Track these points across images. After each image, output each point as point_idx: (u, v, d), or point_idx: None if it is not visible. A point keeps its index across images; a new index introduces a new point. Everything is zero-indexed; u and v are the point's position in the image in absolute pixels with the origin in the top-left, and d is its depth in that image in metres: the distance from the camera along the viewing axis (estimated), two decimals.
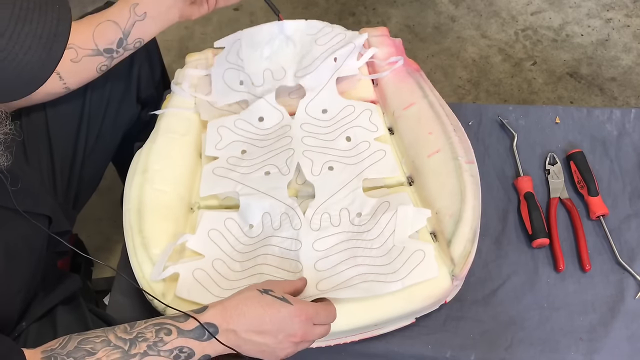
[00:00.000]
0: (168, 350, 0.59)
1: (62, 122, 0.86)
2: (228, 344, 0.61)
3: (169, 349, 0.59)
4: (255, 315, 0.61)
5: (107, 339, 0.59)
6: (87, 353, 0.58)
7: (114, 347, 0.58)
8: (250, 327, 0.61)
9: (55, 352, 0.58)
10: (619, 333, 0.78)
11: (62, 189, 0.87)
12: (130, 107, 0.95)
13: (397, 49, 0.97)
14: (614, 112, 0.98)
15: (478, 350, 0.77)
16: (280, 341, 0.61)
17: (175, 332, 0.60)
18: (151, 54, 0.97)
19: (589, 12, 1.60)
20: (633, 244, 0.85)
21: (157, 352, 0.59)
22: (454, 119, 0.87)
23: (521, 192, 0.90)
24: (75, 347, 0.58)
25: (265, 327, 0.61)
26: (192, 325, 0.60)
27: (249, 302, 0.62)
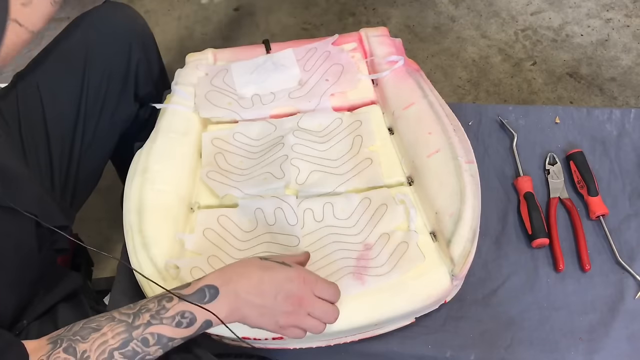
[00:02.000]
0: (170, 317, 0.59)
1: (60, 119, 0.86)
2: (229, 305, 0.61)
3: (170, 315, 0.60)
4: (254, 276, 0.62)
5: (111, 316, 0.60)
6: (92, 330, 0.58)
7: (118, 322, 0.59)
8: (250, 288, 0.61)
9: (62, 336, 0.58)
10: (619, 333, 0.78)
11: (59, 187, 0.87)
12: (127, 105, 0.95)
13: (397, 49, 0.97)
14: (613, 112, 0.98)
15: (478, 350, 0.77)
16: (279, 302, 0.61)
17: (176, 298, 0.60)
18: (149, 52, 0.97)
19: (589, 12, 1.60)
20: (633, 243, 0.85)
21: (160, 320, 0.59)
22: (454, 119, 0.87)
23: (521, 192, 0.90)
24: (81, 327, 0.58)
25: (264, 287, 0.61)
26: (193, 289, 0.61)
27: (249, 265, 0.63)
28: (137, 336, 0.58)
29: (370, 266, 0.74)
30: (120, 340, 0.58)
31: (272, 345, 0.75)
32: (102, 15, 0.92)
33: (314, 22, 1.64)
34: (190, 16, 1.69)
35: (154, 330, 0.59)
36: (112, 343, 0.58)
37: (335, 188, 0.83)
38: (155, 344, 0.59)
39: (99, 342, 0.58)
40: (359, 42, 1.00)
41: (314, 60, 0.98)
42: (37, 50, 0.92)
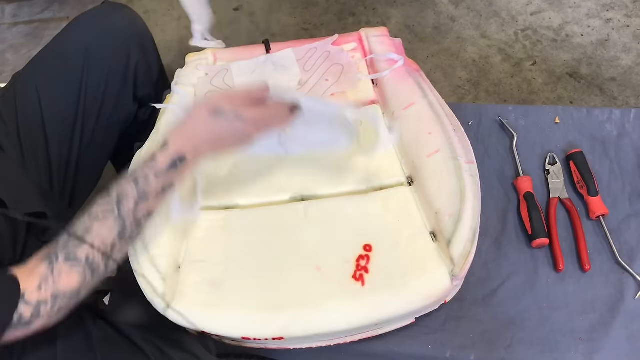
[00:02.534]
0: (153, 194, 0.64)
1: (58, 119, 0.86)
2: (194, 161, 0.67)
3: (153, 192, 0.64)
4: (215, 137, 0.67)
5: (94, 215, 0.62)
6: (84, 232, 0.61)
7: (104, 218, 0.62)
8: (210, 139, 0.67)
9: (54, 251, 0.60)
10: (619, 333, 0.78)
11: (58, 187, 0.87)
12: (126, 105, 0.95)
13: (397, 49, 0.97)
14: (613, 112, 0.98)
15: (478, 350, 0.77)
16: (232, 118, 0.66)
17: (152, 176, 0.64)
18: (148, 53, 0.97)
19: (589, 12, 1.60)
20: (633, 243, 0.85)
21: (146, 199, 0.64)
22: (454, 119, 0.87)
23: (521, 192, 0.90)
24: (69, 237, 0.61)
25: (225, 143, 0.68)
26: (165, 163, 0.65)
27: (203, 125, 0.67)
28: (131, 223, 0.63)
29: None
30: (116, 232, 0.62)
31: (272, 345, 0.75)
32: (101, 16, 0.92)
33: (314, 22, 1.64)
34: None
35: (144, 209, 0.64)
36: (110, 238, 0.62)
37: (335, 189, 0.83)
38: (146, 219, 0.65)
39: (98, 240, 0.61)
40: (359, 42, 1.00)
41: (313, 60, 0.98)
42: (36, 50, 0.92)
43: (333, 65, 0.96)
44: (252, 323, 0.71)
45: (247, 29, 1.62)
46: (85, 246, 0.60)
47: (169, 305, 0.72)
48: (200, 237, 0.80)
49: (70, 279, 0.60)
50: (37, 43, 1.63)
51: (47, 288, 0.59)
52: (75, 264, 0.60)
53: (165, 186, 0.65)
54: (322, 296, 0.72)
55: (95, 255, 0.61)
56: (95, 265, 0.61)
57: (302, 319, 0.70)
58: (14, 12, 1.73)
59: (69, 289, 0.60)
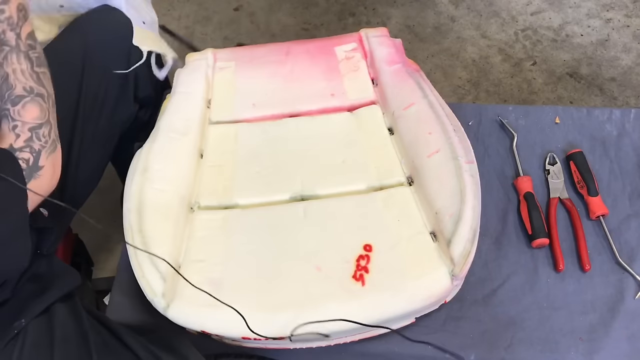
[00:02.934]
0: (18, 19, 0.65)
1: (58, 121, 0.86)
2: None
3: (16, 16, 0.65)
4: None
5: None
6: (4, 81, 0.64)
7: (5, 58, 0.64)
8: None
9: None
10: (619, 333, 0.78)
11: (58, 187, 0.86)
12: (127, 106, 0.95)
13: (397, 49, 0.97)
14: (613, 112, 0.98)
15: (478, 350, 0.77)
16: None
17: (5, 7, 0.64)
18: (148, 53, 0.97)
19: (589, 12, 1.60)
20: (633, 244, 0.85)
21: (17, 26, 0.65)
22: (454, 119, 0.87)
23: (521, 192, 0.90)
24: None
25: None
26: None
27: None
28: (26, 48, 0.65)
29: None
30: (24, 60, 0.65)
31: (272, 345, 0.75)
32: (101, 17, 0.92)
33: (314, 22, 1.64)
34: (190, 16, 1.69)
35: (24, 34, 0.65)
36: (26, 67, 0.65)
37: (335, 189, 0.83)
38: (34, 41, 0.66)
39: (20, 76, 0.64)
40: (359, 42, 1.00)
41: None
42: None
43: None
44: (252, 323, 0.71)
45: (247, 29, 1.62)
46: (17, 84, 0.64)
47: (169, 305, 0.72)
48: (200, 237, 0.80)
49: (30, 111, 0.65)
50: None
51: (22, 130, 0.64)
52: (24, 100, 0.64)
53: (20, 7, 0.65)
54: (322, 296, 0.72)
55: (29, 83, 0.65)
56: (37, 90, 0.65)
57: (302, 319, 0.70)
58: None
59: (37, 118, 0.65)
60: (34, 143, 0.65)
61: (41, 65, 0.67)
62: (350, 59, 0.99)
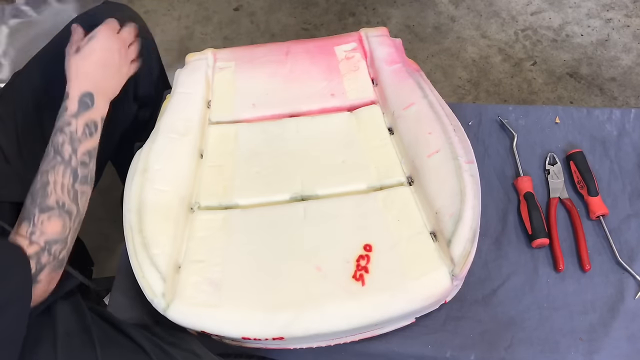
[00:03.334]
0: (81, 134, 0.72)
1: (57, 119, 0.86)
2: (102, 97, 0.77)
3: (81, 132, 0.72)
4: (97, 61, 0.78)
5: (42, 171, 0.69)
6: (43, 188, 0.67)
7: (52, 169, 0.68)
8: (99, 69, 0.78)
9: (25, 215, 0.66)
10: (619, 333, 0.78)
11: None
12: (127, 106, 0.95)
13: (397, 49, 0.97)
14: (613, 112, 0.98)
15: (478, 350, 0.77)
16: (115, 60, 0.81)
17: (72, 120, 0.72)
18: (149, 53, 0.97)
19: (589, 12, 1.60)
20: (633, 243, 0.85)
21: (78, 141, 0.71)
22: (454, 119, 0.87)
23: (521, 192, 0.90)
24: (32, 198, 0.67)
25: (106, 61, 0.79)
26: (74, 105, 0.73)
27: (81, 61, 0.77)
28: (76, 164, 0.70)
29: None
30: (69, 175, 0.69)
31: (272, 345, 0.75)
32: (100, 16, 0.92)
33: (314, 22, 1.64)
34: (190, 16, 1.69)
35: (82, 150, 0.71)
36: (67, 181, 0.69)
37: (335, 189, 0.83)
38: (90, 160, 0.73)
39: (59, 188, 0.68)
40: (359, 42, 1.00)
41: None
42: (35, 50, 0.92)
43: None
44: (252, 323, 0.71)
45: (247, 29, 1.62)
46: (52, 195, 0.67)
47: (169, 305, 0.72)
48: (200, 237, 0.80)
49: (53, 225, 0.66)
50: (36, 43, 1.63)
51: (38, 239, 0.65)
52: (51, 212, 0.66)
53: (88, 124, 0.73)
54: (322, 296, 0.72)
55: (64, 198, 0.68)
56: (68, 207, 0.68)
57: (302, 319, 0.70)
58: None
59: (56, 234, 0.67)
60: (43, 256, 0.65)
61: (85, 183, 0.72)
62: (350, 59, 0.99)
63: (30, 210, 0.66)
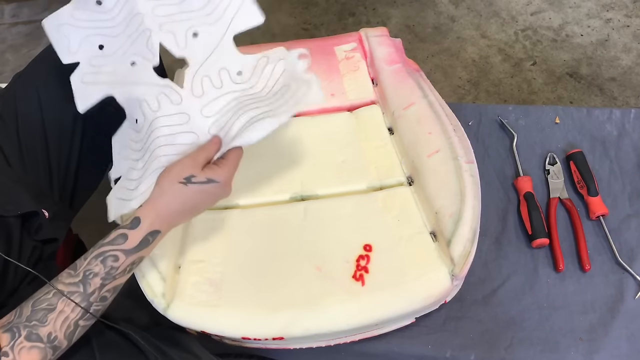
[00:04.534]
0: (121, 271, 0.63)
1: (58, 120, 0.86)
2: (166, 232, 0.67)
3: (121, 270, 0.63)
4: (190, 206, 0.66)
5: (58, 291, 0.60)
6: (47, 311, 0.58)
7: (69, 294, 0.59)
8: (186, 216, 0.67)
9: (15, 323, 0.57)
10: (619, 333, 0.78)
11: (58, 187, 0.86)
12: None
13: (397, 49, 0.97)
14: (613, 112, 0.98)
15: (478, 350, 0.77)
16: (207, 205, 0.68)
17: (121, 255, 0.62)
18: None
19: (589, 12, 1.60)
20: (633, 244, 0.85)
21: (113, 277, 0.62)
22: (454, 119, 0.87)
23: (521, 192, 0.90)
24: (32, 311, 0.58)
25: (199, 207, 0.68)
26: (136, 241, 0.63)
27: (177, 198, 0.65)
28: (95, 300, 0.61)
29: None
30: (79, 311, 0.60)
31: (272, 345, 0.75)
32: None
33: (314, 22, 1.64)
34: None
35: (110, 287, 0.62)
36: (73, 316, 0.60)
37: (335, 189, 0.83)
38: (112, 295, 0.63)
39: (60, 320, 0.59)
40: (359, 42, 1.00)
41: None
42: (36, 50, 0.92)
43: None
44: (252, 323, 0.71)
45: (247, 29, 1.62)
46: (48, 325, 0.58)
47: (169, 306, 0.72)
48: (200, 237, 0.80)
49: (31, 357, 0.58)
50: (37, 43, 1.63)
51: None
52: (37, 344, 0.58)
53: (135, 262, 0.64)
54: (322, 296, 0.72)
55: (58, 334, 0.59)
56: (57, 343, 0.59)
57: (302, 319, 0.71)
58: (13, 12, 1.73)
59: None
60: None
61: (92, 319, 0.62)
62: (350, 59, 0.99)
63: (17, 325, 0.58)
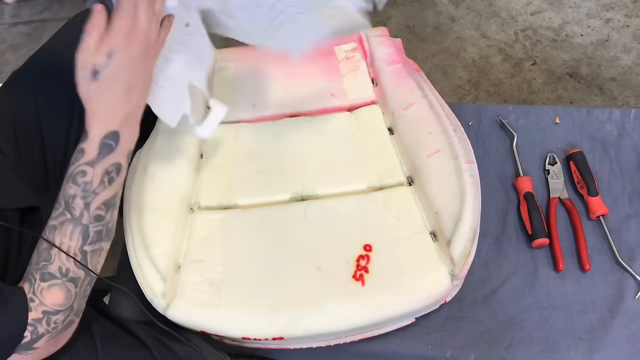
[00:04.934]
0: (98, 184, 0.59)
1: (55, 118, 0.86)
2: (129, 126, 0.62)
3: (98, 183, 0.59)
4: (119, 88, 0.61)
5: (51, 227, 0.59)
6: (49, 249, 0.59)
7: (61, 226, 0.59)
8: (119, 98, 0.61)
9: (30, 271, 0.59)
10: (619, 333, 0.78)
11: (54, 185, 0.86)
12: None
13: (397, 49, 0.97)
14: (613, 112, 0.98)
15: (478, 350, 0.77)
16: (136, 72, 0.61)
17: (88, 168, 0.59)
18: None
19: (589, 12, 1.60)
20: (633, 244, 0.85)
21: (93, 193, 0.59)
22: (454, 119, 0.87)
23: (521, 192, 0.90)
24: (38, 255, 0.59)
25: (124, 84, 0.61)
26: (94, 151, 0.60)
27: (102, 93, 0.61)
28: (89, 220, 0.59)
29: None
30: (78, 236, 0.59)
31: (272, 345, 0.75)
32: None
33: None
34: None
35: (97, 204, 0.60)
36: (75, 244, 0.59)
37: (335, 189, 0.83)
38: (107, 211, 0.61)
39: (64, 254, 0.58)
40: (359, 42, 1.00)
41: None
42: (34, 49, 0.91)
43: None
44: (252, 323, 0.71)
45: None
46: (55, 261, 0.58)
47: (169, 305, 0.72)
48: (200, 237, 0.80)
49: (54, 295, 0.58)
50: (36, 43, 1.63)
51: (36, 308, 0.58)
52: (53, 281, 0.58)
53: (108, 170, 0.60)
54: (322, 296, 0.72)
55: (68, 264, 0.59)
56: (73, 274, 0.59)
57: (302, 319, 0.71)
58: (13, 12, 1.73)
59: (57, 304, 0.59)
60: (40, 326, 0.58)
61: (99, 240, 0.61)
62: (350, 59, 0.99)
63: (31, 272, 0.59)
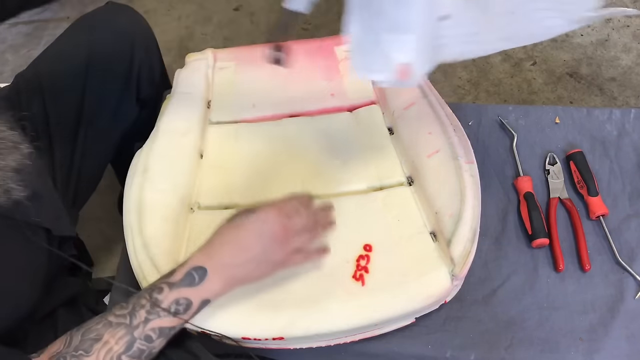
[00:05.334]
0: (165, 307, 0.60)
1: (61, 120, 0.86)
2: (220, 279, 0.62)
3: (166, 306, 0.60)
4: (231, 238, 0.63)
5: (107, 321, 0.60)
6: (93, 341, 0.58)
7: (116, 326, 0.59)
8: (233, 252, 0.63)
9: (64, 353, 0.58)
10: (619, 333, 0.78)
11: (61, 187, 0.87)
12: (129, 107, 0.95)
13: None
14: (613, 112, 0.98)
15: (478, 350, 0.77)
16: (266, 246, 0.63)
17: (166, 288, 0.61)
18: (151, 54, 0.97)
19: None
20: (633, 244, 0.85)
21: (157, 314, 0.60)
22: (454, 119, 0.87)
23: (521, 192, 0.90)
24: (81, 341, 0.58)
25: (246, 243, 0.63)
26: (181, 275, 0.62)
27: (224, 232, 0.64)
28: (140, 335, 0.59)
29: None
30: (124, 344, 0.59)
31: (272, 345, 0.75)
32: (104, 17, 0.92)
33: (314, 22, 1.64)
34: (190, 16, 1.69)
35: (154, 325, 0.60)
36: (117, 349, 0.58)
37: (335, 189, 0.83)
38: (158, 337, 0.60)
39: (104, 352, 0.58)
40: None
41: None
42: (36, 50, 0.92)
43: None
44: (252, 323, 0.71)
45: (247, 29, 1.62)
46: (92, 356, 0.58)
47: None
48: (200, 237, 0.79)
49: None
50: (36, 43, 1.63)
51: None
52: None
53: (179, 301, 0.61)
54: (322, 296, 0.72)
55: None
56: None
57: (302, 319, 0.71)
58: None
59: None
60: None
61: (136, 358, 0.60)
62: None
63: (66, 355, 0.58)
